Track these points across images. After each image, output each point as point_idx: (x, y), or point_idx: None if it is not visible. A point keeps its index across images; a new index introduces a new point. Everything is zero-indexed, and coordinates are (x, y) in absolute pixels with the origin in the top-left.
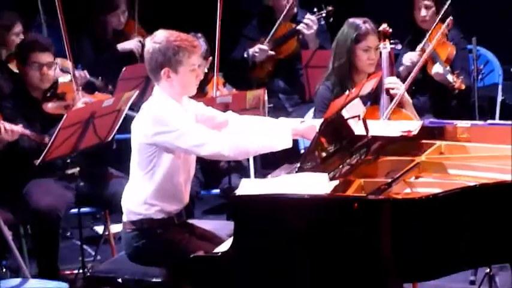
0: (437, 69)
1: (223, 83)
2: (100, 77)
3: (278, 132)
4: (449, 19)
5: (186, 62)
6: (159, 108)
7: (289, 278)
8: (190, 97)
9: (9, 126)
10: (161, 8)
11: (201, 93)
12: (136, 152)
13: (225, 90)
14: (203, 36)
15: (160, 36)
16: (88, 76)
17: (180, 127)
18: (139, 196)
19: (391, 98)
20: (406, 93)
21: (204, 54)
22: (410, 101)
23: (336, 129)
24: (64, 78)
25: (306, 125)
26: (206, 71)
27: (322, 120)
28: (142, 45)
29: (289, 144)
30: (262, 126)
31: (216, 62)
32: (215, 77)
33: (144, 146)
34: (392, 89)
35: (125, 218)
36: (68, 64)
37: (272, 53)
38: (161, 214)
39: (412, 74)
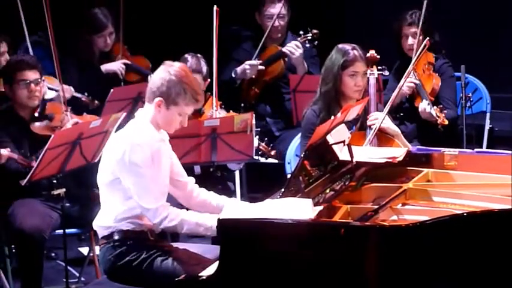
0: (423, 106)
1: (220, 104)
2: (86, 93)
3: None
4: (427, 40)
5: (181, 106)
6: (138, 138)
7: None
8: None
9: None
10: (147, 30)
11: (197, 113)
12: (110, 173)
13: (222, 112)
14: (203, 57)
15: (177, 69)
16: (73, 91)
17: (146, 176)
18: (110, 213)
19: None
20: (393, 125)
21: (204, 75)
22: (399, 131)
23: (320, 155)
24: (50, 95)
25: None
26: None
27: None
28: (127, 68)
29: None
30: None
31: (214, 83)
32: (214, 98)
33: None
34: (373, 124)
35: (99, 236)
36: (55, 81)
37: (262, 67)
38: (131, 225)
39: (389, 102)
